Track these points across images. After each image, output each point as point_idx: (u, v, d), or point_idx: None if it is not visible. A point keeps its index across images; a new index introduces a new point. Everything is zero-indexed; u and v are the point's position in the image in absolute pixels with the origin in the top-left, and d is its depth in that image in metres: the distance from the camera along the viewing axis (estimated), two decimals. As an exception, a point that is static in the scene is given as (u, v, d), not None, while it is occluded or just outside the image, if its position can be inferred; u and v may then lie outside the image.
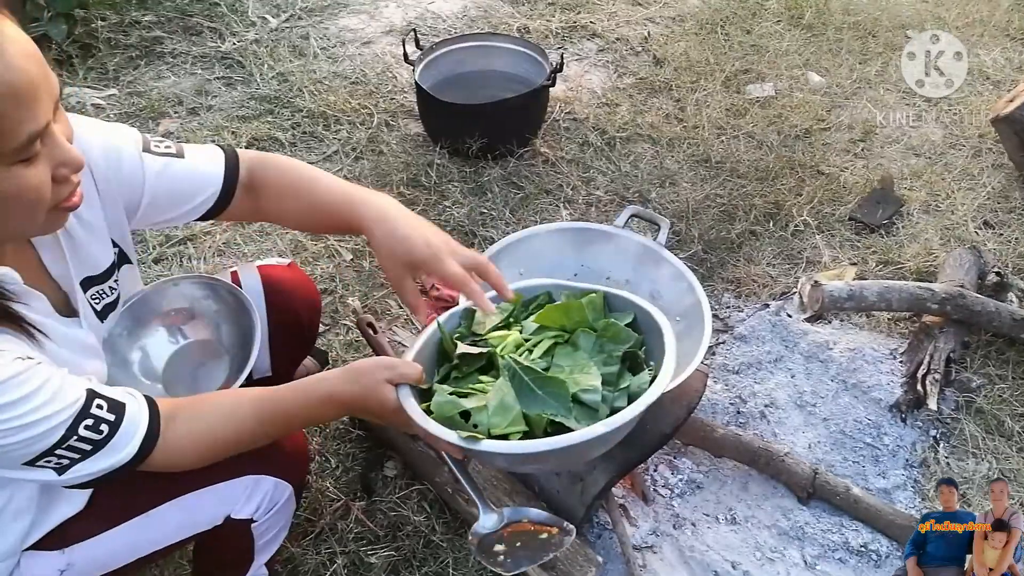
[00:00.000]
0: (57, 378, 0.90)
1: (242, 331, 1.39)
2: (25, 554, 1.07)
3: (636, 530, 1.63)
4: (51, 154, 0.83)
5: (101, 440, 0.93)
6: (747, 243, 2.32)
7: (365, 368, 1.07)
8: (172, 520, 1.15)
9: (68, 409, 0.89)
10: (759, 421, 1.85)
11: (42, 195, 0.83)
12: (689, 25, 3.32)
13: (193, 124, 2.69)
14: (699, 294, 1.54)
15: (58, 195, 0.86)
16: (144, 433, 0.97)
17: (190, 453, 1.03)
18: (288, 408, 1.08)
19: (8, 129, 0.77)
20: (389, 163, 2.54)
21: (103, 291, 1.10)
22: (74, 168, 0.86)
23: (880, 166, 2.61)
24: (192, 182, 1.15)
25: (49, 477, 0.93)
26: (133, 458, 0.96)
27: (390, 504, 1.65)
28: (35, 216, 0.85)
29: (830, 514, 1.67)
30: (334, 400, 1.07)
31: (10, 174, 0.80)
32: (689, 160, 2.61)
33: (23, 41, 0.78)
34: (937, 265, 2.19)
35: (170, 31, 3.12)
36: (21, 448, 0.87)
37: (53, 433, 0.88)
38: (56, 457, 0.90)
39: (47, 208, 0.85)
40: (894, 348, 2.01)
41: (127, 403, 0.96)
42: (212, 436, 1.04)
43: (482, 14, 3.36)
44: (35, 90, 0.78)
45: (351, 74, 2.94)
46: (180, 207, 1.15)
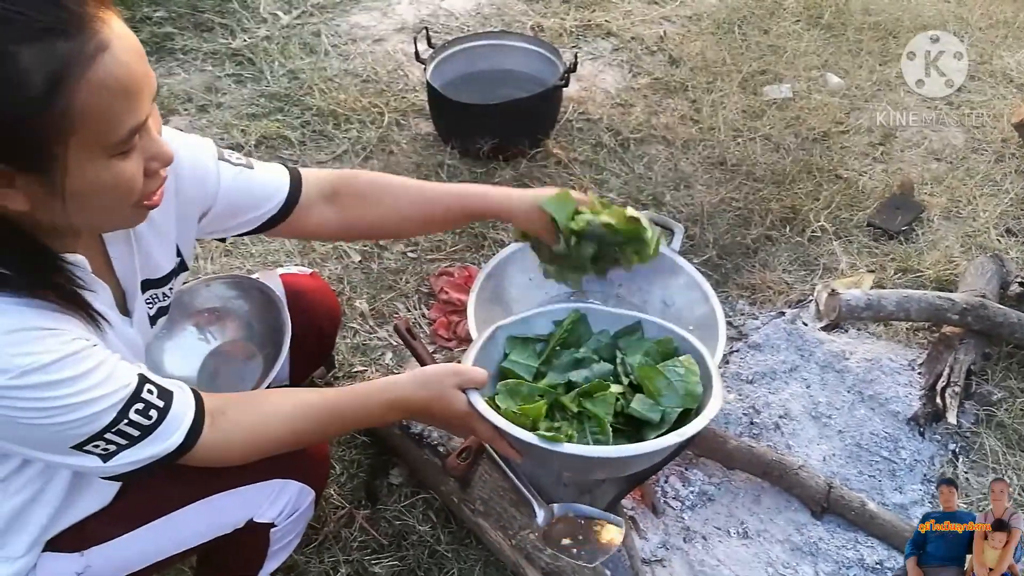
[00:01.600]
0: (112, 361, 0.90)
1: (272, 330, 1.40)
2: (43, 556, 1.06)
3: (645, 543, 1.59)
4: (145, 147, 0.84)
5: (150, 426, 0.92)
6: (763, 248, 2.28)
7: (434, 374, 1.10)
8: (195, 522, 1.14)
9: (121, 391, 0.89)
10: (773, 432, 1.81)
11: (134, 188, 0.84)
12: (706, 24, 3.27)
13: (203, 121, 2.67)
14: (714, 303, 1.50)
15: (147, 189, 0.87)
16: (191, 423, 0.96)
17: (238, 447, 1.02)
18: (350, 411, 1.09)
19: (113, 123, 0.78)
20: (399, 163, 2.51)
21: (158, 295, 1.11)
22: (164, 162, 0.88)
23: (900, 171, 2.55)
24: (262, 190, 1.17)
25: (94, 464, 0.91)
26: (179, 448, 0.95)
27: (395, 512, 1.62)
28: (122, 209, 0.87)
29: (845, 529, 1.63)
30: (401, 405, 1.10)
31: (109, 165, 0.81)
32: (704, 162, 2.57)
33: (129, 37, 0.79)
34: (958, 273, 2.13)
35: (181, 27, 3.11)
36: (74, 428, 0.87)
37: (105, 415, 0.88)
38: (104, 442, 0.89)
39: (134, 202, 0.86)
40: (912, 359, 1.96)
41: (175, 391, 0.96)
42: (265, 432, 1.04)
43: (495, 12, 3.32)
44: (139, 86, 0.79)
45: (362, 72, 2.92)
46: (246, 214, 1.18)
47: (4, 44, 0.71)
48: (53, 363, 0.83)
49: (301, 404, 1.07)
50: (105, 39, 0.75)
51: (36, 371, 0.82)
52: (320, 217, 1.24)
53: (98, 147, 0.78)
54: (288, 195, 1.19)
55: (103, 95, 0.76)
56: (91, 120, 0.76)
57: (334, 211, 1.25)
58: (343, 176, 1.26)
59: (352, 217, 1.26)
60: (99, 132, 0.77)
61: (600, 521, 1.16)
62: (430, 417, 1.13)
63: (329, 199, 1.24)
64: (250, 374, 1.43)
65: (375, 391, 1.10)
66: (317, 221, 1.24)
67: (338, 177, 1.26)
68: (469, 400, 1.09)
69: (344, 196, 1.25)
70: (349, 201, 1.25)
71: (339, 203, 1.25)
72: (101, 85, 0.75)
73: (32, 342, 0.82)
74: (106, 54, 0.75)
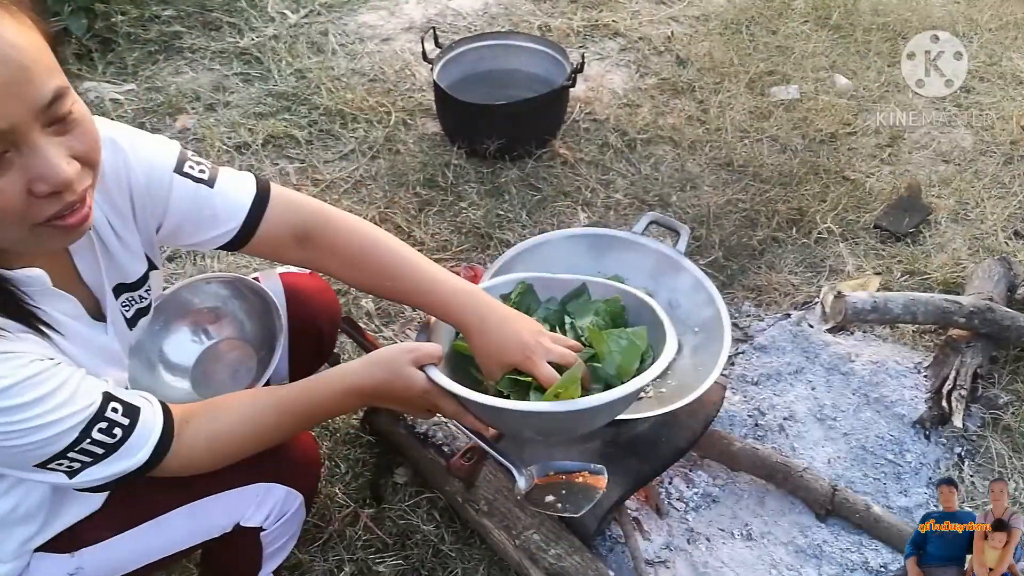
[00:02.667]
0: (75, 380, 0.89)
1: (267, 331, 1.40)
2: (35, 555, 1.06)
3: (649, 544, 1.59)
4: (26, 165, 0.77)
5: (114, 444, 0.91)
6: (769, 250, 2.27)
7: (387, 355, 1.08)
8: (182, 526, 1.14)
9: (83, 412, 0.88)
10: (777, 434, 1.81)
11: (8, 208, 0.77)
12: (713, 25, 3.26)
13: (210, 120, 2.67)
14: (719, 305, 1.50)
15: (39, 212, 0.80)
16: (157, 438, 0.96)
17: (205, 455, 1.02)
18: (308, 403, 1.08)
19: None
20: (406, 163, 2.51)
21: (134, 298, 1.09)
22: (52, 185, 0.78)
23: (907, 172, 2.54)
24: (212, 214, 1.10)
25: (60, 480, 0.91)
26: (145, 463, 0.95)
27: (399, 512, 1.63)
28: (13, 231, 0.80)
29: (849, 532, 1.63)
30: (357, 390, 1.08)
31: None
32: (711, 163, 2.57)
33: (4, 39, 0.74)
34: (965, 276, 2.13)
35: (189, 26, 3.12)
36: (34, 449, 0.86)
37: (66, 436, 0.87)
38: (68, 460, 0.89)
39: (24, 224, 0.80)
40: (918, 362, 1.96)
41: (142, 407, 0.95)
42: (229, 436, 1.03)
43: (503, 11, 3.32)
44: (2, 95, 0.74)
45: (369, 71, 2.92)
46: (195, 235, 1.12)
47: None
48: (10, 387, 0.82)
49: (256, 405, 1.06)
50: None
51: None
52: (281, 251, 1.17)
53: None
54: (244, 223, 1.11)
55: None
56: None
57: (299, 252, 1.17)
58: (318, 219, 1.16)
59: (318, 265, 1.20)
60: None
61: (581, 473, 1.15)
62: (389, 398, 1.10)
63: (300, 240, 1.15)
64: (244, 374, 1.42)
65: (331, 379, 1.09)
66: (279, 254, 1.17)
67: (313, 219, 1.16)
68: (428, 376, 1.08)
69: (316, 242, 1.16)
70: (319, 251, 1.17)
71: (309, 247, 1.16)
72: None
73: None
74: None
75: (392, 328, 2.02)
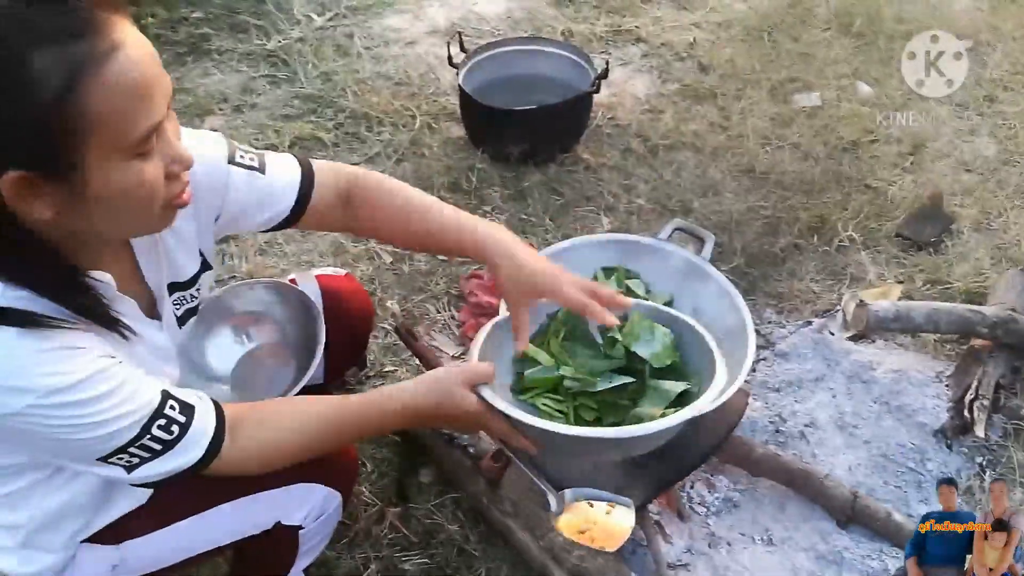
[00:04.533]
0: (136, 377, 0.93)
1: (306, 335, 1.43)
2: (81, 546, 1.10)
3: (671, 548, 1.61)
4: (164, 150, 0.86)
5: (171, 441, 0.95)
6: (791, 257, 2.28)
7: (440, 376, 1.12)
8: (225, 522, 1.17)
9: (145, 408, 0.92)
10: (798, 441, 1.82)
11: (156, 189, 0.86)
12: (736, 31, 3.27)
13: (237, 122, 2.72)
14: (743, 313, 1.51)
15: (170, 192, 0.89)
16: (211, 437, 0.99)
17: (255, 459, 1.05)
18: (360, 420, 1.11)
19: (129, 123, 0.80)
20: (430, 166, 2.54)
21: (185, 297, 1.13)
22: (185, 165, 0.90)
23: (930, 181, 2.54)
24: (269, 196, 1.17)
25: (119, 474, 0.95)
26: (199, 461, 0.98)
27: (425, 511, 1.65)
28: (149, 211, 0.89)
29: (870, 539, 1.64)
30: (410, 411, 1.11)
31: (129, 167, 0.83)
32: (733, 170, 2.58)
33: (140, 39, 0.82)
34: (988, 286, 2.13)
35: (217, 28, 3.16)
36: (99, 443, 0.90)
37: (129, 431, 0.91)
38: (128, 455, 0.93)
39: (160, 204, 0.88)
40: (940, 371, 1.97)
41: (196, 406, 0.99)
42: (279, 443, 1.06)
43: (526, 16, 3.34)
44: (152, 86, 0.82)
45: (394, 75, 2.95)
46: (253, 219, 1.18)
47: (18, 48, 0.73)
48: (79, 383, 0.86)
49: (309, 417, 1.09)
50: (116, 40, 0.78)
51: (62, 391, 0.85)
52: (329, 217, 1.24)
53: (117, 149, 0.80)
54: (297, 199, 1.18)
55: (117, 95, 0.78)
56: (108, 120, 0.78)
57: (343, 215, 1.25)
58: (356, 180, 1.25)
59: (356, 223, 1.27)
60: (116, 133, 0.79)
61: (610, 504, 1.18)
62: (443, 419, 1.14)
63: (343, 204, 1.24)
64: (283, 378, 1.46)
65: (385, 397, 1.11)
66: (324, 221, 1.26)
67: (352, 179, 1.24)
68: (481, 396, 1.10)
69: (356, 203, 1.24)
70: (361, 209, 1.25)
71: (351, 209, 1.24)
72: (115, 85, 0.77)
73: (59, 361, 0.85)
74: (118, 54, 0.77)
75: (417, 330, 2.04)
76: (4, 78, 0.73)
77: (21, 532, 1.04)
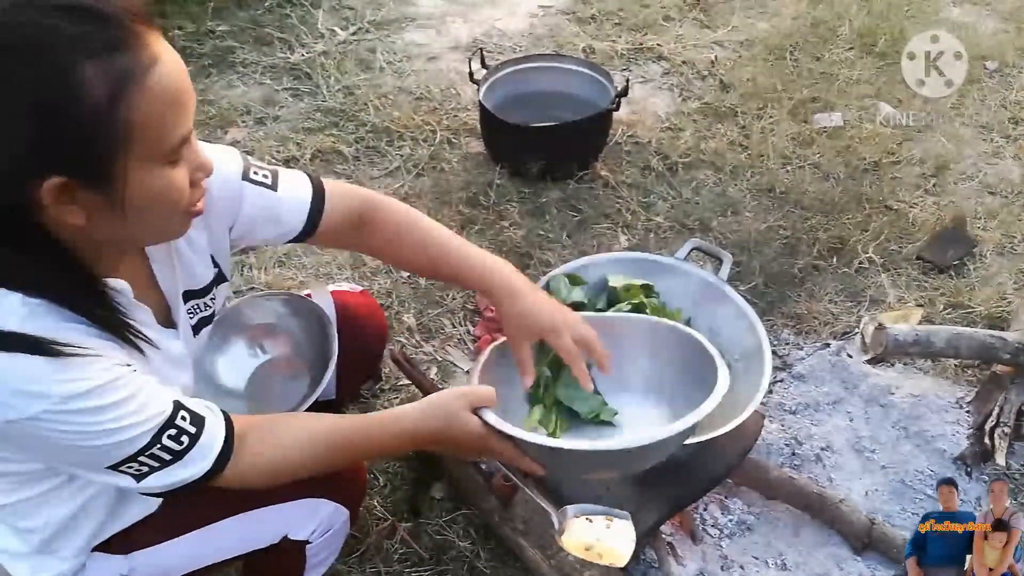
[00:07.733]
0: (149, 386, 0.93)
1: (320, 349, 1.43)
2: (91, 555, 1.11)
3: (683, 570, 1.60)
4: (190, 158, 0.89)
5: (181, 451, 0.95)
6: (809, 278, 2.27)
7: (443, 400, 1.11)
8: (233, 535, 1.17)
9: (156, 417, 0.93)
10: (814, 464, 1.80)
11: (183, 195, 0.89)
12: (757, 50, 3.27)
13: (259, 134, 2.74)
14: (760, 334, 1.51)
15: (192, 198, 0.91)
16: (220, 448, 0.99)
17: (260, 473, 1.05)
18: (364, 442, 1.11)
19: (166, 132, 0.83)
20: (449, 181, 2.55)
21: (199, 306, 1.14)
22: (207, 172, 0.93)
23: (952, 204, 2.52)
24: (279, 214, 1.18)
25: (128, 483, 0.95)
26: (208, 472, 0.99)
27: (436, 527, 1.65)
28: (172, 217, 0.91)
29: (886, 567, 1.61)
30: (412, 435, 1.11)
31: (163, 174, 0.85)
32: (752, 189, 2.57)
33: (173, 51, 0.85)
34: (1010, 311, 2.10)
35: (242, 41, 3.20)
36: (110, 451, 0.91)
37: (140, 439, 0.91)
38: (138, 464, 0.93)
39: (182, 210, 0.91)
40: (960, 396, 1.94)
41: (207, 417, 0.99)
42: (283, 459, 1.06)
43: (547, 32, 3.36)
44: (187, 95, 0.85)
45: (416, 90, 2.97)
46: (264, 233, 1.20)
47: (67, 59, 0.75)
48: (94, 390, 0.86)
49: (316, 435, 1.09)
50: (156, 52, 0.80)
51: (77, 398, 0.85)
52: (343, 237, 1.27)
53: (154, 156, 0.83)
54: (307, 220, 1.20)
55: (157, 104, 0.80)
56: (148, 129, 0.80)
57: (355, 236, 1.27)
58: (370, 204, 1.26)
59: (369, 246, 1.31)
60: (155, 141, 0.82)
61: (608, 518, 1.19)
62: (447, 443, 1.12)
63: (355, 226, 1.25)
64: (295, 391, 1.46)
65: (386, 423, 1.11)
66: (339, 241, 1.29)
67: (363, 205, 1.26)
68: (483, 420, 1.09)
69: (368, 226, 1.26)
70: (374, 234, 1.27)
71: (363, 231, 1.26)
72: (156, 95, 0.80)
73: (74, 368, 0.85)
74: (159, 66, 0.80)
75: (432, 344, 2.05)
76: (53, 88, 0.76)
77: (36, 537, 1.05)
